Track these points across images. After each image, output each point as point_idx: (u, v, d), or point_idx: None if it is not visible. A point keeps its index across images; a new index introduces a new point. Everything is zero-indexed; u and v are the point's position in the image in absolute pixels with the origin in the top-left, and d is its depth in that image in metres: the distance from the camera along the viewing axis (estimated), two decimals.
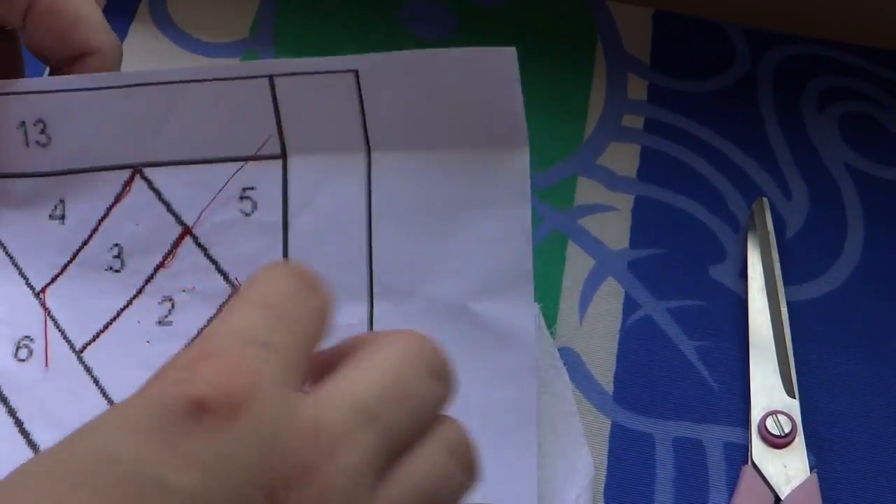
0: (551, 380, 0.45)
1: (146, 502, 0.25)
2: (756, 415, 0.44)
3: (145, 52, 0.53)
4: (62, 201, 0.41)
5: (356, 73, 0.39)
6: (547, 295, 0.47)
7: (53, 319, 0.41)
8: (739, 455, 0.44)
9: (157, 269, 0.41)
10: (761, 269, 0.47)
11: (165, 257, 0.41)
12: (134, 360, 0.40)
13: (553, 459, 0.43)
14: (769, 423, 0.43)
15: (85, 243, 0.41)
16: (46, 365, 0.40)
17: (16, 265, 0.41)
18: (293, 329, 0.29)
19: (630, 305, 0.47)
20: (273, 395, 0.27)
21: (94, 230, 0.41)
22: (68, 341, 0.41)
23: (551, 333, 0.46)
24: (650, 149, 0.51)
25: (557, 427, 0.44)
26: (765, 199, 0.49)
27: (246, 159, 0.40)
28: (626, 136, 0.52)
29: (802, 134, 0.52)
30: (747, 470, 0.43)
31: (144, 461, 0.25)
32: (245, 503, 0.26)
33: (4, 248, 0.41)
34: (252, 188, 0.40)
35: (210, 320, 0.40)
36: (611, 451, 0.44)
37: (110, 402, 0.40)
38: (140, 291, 0.41)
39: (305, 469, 0.26)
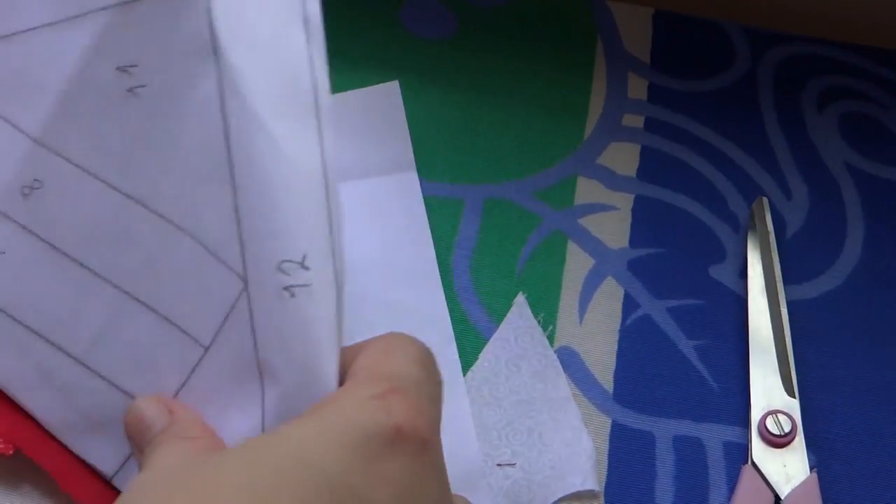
0: (543, 369, 0.45)
1: None
2: (756, 414, 0.44)
3: None
4: None
5: None
6: (547, 294, 0.47)
7: None
8: (739, 454, 0.44)
9: None
10: (761, 269, 0.47)
11: None
12: None
13: (555, 446, 0.43)
14: (769, 422, 0.43)
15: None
16: None
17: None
18: (434, 390, 0.34)
19: (630, 305, 0.47)
20: (439, 440, 0.32)
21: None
22: None
23: (551, 333, 0.46)
24: (650, 148, 0.51)
25: (556, 414, 0.44)
26: (765, 199, 0.49)
27: None
28: (626, 136, 0.52)
29: (802, 134, 0.52)
30: (747, 469, 0.43)
31: (347, 473, 0.29)
32: None
33: None
34: None
35: None
36: (611, 449, 0.44)
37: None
38: None
39: None
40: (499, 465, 0.42)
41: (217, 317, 0.37)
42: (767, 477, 0.42)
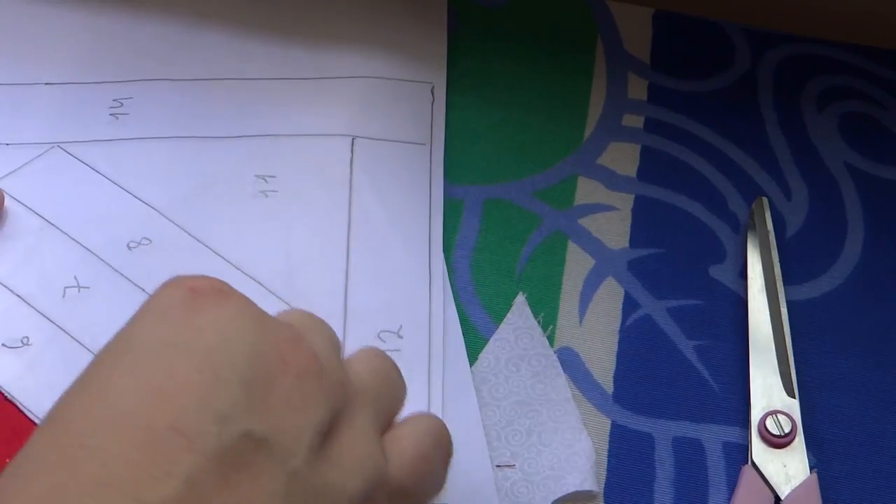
0: (543, 369, 0.45)
1: (175, 361, 0.30)
2: (756, 415, 0.44)
3: None
4: None
5: None
6: (547, 294, 0.47)
7: None
8: (739, 455, 0.44)
9: None
10: (761, 269, 0.47)
11: None
12: None
13: (555, 447, 0.43)
14: (769, 422, 0.43)
15: None
16: None
17: None
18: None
19: (630, 305, 0.47)
20: (239, 293, 0.33)
21: None
22: None
23: (551, 334, 0.46)
24: (650, 148, 0.51)
25: (555, 414, 0.44)
26: (764, 199, 0.49)
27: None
28: (626, 136, 0.52)
29: (802, 134, 0.52)
30: (747, 470, 0.43)
31: (167, 336, 0.31)
32: (259, 357, 0.31)
33: None
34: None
35: None
36: (611, 450, 0.44)
37: None
38: None
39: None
40: (498, 466, 0.42)
41: None
42: (767, 477, 0.42)
